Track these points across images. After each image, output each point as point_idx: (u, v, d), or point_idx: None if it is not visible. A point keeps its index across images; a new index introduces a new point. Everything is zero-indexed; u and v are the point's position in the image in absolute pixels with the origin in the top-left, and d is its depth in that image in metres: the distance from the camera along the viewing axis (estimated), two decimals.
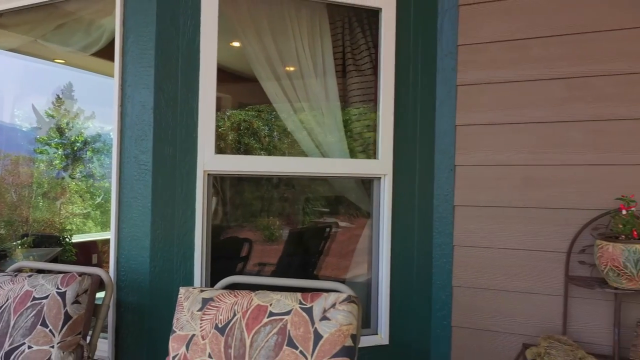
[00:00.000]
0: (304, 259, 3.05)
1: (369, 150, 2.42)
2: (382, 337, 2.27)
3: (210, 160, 2.03)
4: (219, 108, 2.09)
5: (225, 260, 2.70)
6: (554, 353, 1.91)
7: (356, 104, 2.48)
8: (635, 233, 1.83)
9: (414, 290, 2.33)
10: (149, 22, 1.98)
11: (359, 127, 2.46)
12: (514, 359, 2.16)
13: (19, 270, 1.97)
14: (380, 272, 2.28)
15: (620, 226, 1.87)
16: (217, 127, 2.06)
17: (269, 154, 3.11)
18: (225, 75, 2.35)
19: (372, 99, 2.39)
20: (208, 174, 2.04)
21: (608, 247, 1.85)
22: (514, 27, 2.22)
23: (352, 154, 2.43)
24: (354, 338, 1.36)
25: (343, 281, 2.63)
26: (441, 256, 2.34)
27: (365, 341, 2.25)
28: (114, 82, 2.04)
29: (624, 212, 1.90)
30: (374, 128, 2.34)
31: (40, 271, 2.18)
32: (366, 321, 2.33)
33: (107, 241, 2.11)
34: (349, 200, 2.64)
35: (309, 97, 2.42)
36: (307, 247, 3.07)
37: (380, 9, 2.26)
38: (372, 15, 2.36)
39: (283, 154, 2.88)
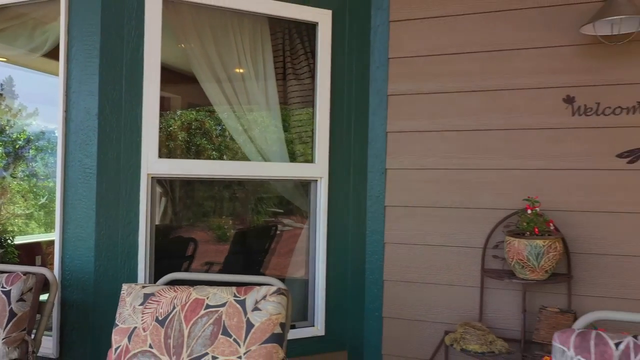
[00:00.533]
0: (249, 257, 3.18)
1: (307, 154, 2.58)
2: (318, 328, 2.44)
3: (153, 164, 2.13)
4: (169, 108, 2.20)
5: (170, 259, 2.80)
6: (468, 337, 2.13)
7: (295, 110, 2.63)
8: (536, 230, 2.07)
9: (348, 285, 2.51)
10: (93, 32, 2.06)
11: (298, 132, 2.62)
12: (436, 345, 2.37)
13: None
14: (317, 269, 2.45)
15: (525, 224, 2.11)
16: (167, 126, 2.16)
17: (220, 154, 3.21)
18: (174, 76, 2.46)
19: (311, 106, 2.55)
20: (152, 177, 2.15)
21: (514, 242, 2.09)
22: (438, 44, 2.44)
23: (292, 158, 2.59)
24: (283, 326, 1.51)
25: (283, 279, 2.78)
26: (373, 253, 2.54)
27: (304, 333, 2.42)
28: (59, 89, 2.10)
29: (529, 211, 2.14)
30: (311, 134, 2.50)
31: None
32: (304, 314, 2.49)
33: (51, 242, 2.18)
34: (290, 201, 2.79)
35: (250, 101, 2.55)
36: (253, 246, 3.20)
37: (317, 23, 2.43)
38: (311, 27, 2.52)
39: (235, 154, 2.97)
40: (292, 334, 2.38)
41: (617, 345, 1.20)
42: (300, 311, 2.51)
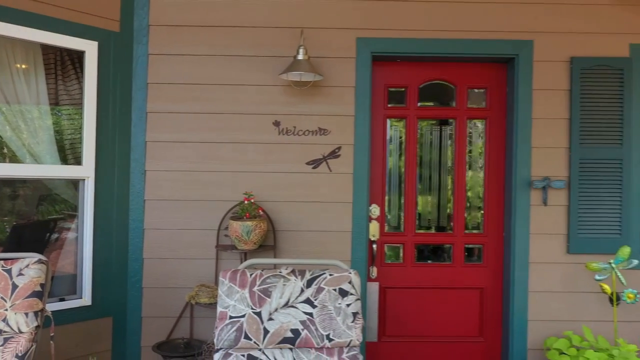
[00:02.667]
0: (27, 247, 3.52)
1: (79, 158, 3.11)
2: (85, 299, 3.01)
3: None
4: None
5: None
6: (201, 294, 2.95)
7: (67, 122, 3.14)
8: (247, 215, 2.98)
9: (113, 263, 3.12)
10: None
11: (69, 139, 3.13)
12: (184, 304, 3.15)
13: None
14: (84, 251, 3.02)
15: (240, 211, 3.00)
16: None
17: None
18: None
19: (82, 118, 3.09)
20: None
21: (234, 224, 2.97)
22: (188, 75, 3.20)
23: (64, 161, 3.09)
24: (43, 286, 2.10)
25: (54, 261, 3.25)
26: (135, 237, 3.20)
27: (73, 304, 2.96)
28: None
29: (245, 202, 3.04)
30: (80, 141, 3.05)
31: None
32: (74, 289, 3.04)
33: None
34: (63, 197, 3.27)
35: (25, 119, 2.98)
36: (32, 239, 3.55)
37: (84, 51, 2.99)
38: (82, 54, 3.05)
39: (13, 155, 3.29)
40: (63, 305, 2.92)
41: (251, 275, 2.11)
42: (72, 287, 3.05)
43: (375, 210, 3.40)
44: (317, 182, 3.22)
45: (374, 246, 3.38)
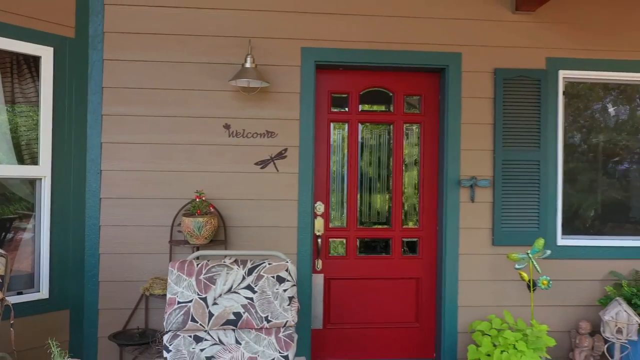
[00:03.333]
0: None
1: (35, 158, 3.25)
2: (43, 292, 3.16)
3: None
4: None
5: None
6: (155, 286, 3.15)
7: (23, 125, 3.27)
8: (199, 211, 3.20)
9: (70, 258, 3.28)
10: None
11: (26, 141, 3.26)
12: (140, 296, 3.33)
13: None
14: (41, 247, 3.17)
15: (192, 208, 3.22)
16: None
17: None
18: None
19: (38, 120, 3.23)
20: None
21: (186, 220, 3.18)
22: (139, 80, 3.38)
23: (20, 161, 3.23)
24: (2, 277, 2.27)
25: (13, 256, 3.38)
26: (91, 233, 3.36)
27: (30, 297, 3.11)
28: None
29: (197, 200, 3.26)
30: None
31: None
32: (32, 283, 3.18)
33: None
34: (20, 196, 3.40)
35: None
36: None
37: (40, 57, 3.13)
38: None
39: None
40: (20, 299, 3.06)
41: (197, 265, 2.34)
42: (29, 282, 3.19)
43: (320, 207, 3.67)
44: (265, 182, 3.47)
45: (319, 240, 3.65)
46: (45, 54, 3.15)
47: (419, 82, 3.74)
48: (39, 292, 3.17)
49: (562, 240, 3.67)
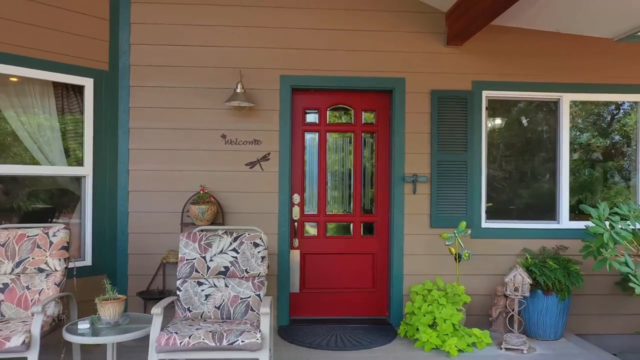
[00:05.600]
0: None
1: (80, 160, 4.35)
2: (87, 261, 4.27)
3: None
4: None
5: None
6: (170, 256, 4.24)
7: (72, 134, 4.37)
8: (202, 201, 4.27)
9: (107, 236, 4.38)
10: None
11: (73, 148, 4.37)
12: (159, 264, 4.43)
13: None
14: (86, 228, 4.27)
15: (197, 198, 4.30)
16: None
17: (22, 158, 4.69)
18: None
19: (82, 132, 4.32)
20: None
21: (192, 207, 4.26)
22: (158, 101, 4.47)
23: (69, 162, 4.33)
24: (69, 243, 3.36)
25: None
26: (122, 218, 4.46)
27: (79, 264, 4.20)
28: None
29: (201, 192, 4.33)
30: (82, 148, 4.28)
31: None
32: (81, 253, 4.29)
33: None
34: (69, 189, 4.51)
35: (41, 132, 4.21)
36: (46, 219, 4.75)
37: (84, 85, 4.23)
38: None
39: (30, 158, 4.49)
40: (72, 265, 4.16)
41: (199, 235, 3.42)
42: (76, 253, 4.29)
43: (296, 198, 4.74)
44: (253, 178, 4.54)
45: (296, 224, 4.72)
46: (88, 84, 4.25)
47: (374, 100, 4.79)
48: (85, 260, 4.27)
49: (485, 224, 4.70)
